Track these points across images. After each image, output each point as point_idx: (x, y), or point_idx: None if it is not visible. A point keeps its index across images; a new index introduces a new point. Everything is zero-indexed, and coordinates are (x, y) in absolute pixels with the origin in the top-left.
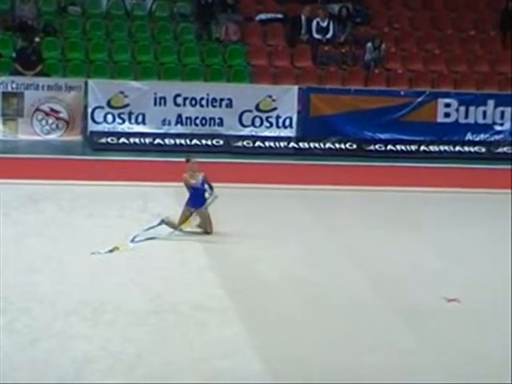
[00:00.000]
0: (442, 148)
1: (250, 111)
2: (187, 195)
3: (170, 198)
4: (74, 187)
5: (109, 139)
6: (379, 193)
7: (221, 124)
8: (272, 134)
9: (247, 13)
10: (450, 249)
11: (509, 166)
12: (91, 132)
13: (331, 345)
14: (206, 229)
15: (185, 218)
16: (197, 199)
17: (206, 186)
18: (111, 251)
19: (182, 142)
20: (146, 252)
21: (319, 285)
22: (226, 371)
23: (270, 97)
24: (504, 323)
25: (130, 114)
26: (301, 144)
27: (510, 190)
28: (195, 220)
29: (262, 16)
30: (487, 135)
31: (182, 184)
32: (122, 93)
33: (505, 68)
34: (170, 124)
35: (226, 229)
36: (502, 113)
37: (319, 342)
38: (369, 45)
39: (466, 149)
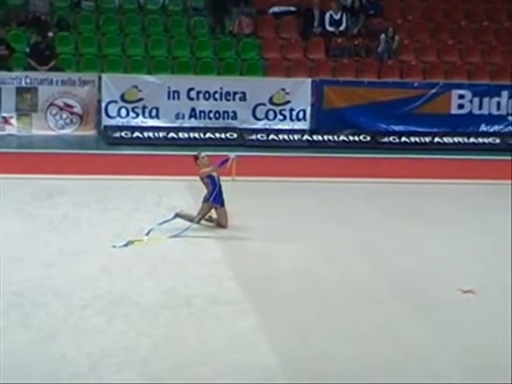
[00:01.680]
0: (455, 139)
1: (264, 104)
2: (204, 190)
3: (184, 191)
4: (88, 182)
5: (123, 133)
6: (393, 185)
7: (234, 117)
8: (286, 127)
9: (260, 6)
10: (463, 241)
11: None
12: (105, 126)
13: (344, 337)
14: (222, 223)
15: (204, 213)
16: (220, 195)
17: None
18: (126, 245)
19: (196, 135)
20: (160, 246)
21: (332, 278)
22: (241, 364)
23: (284, 90)
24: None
25: (143, 108)
26: (314, 137)
27: None
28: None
29: (275, 9)
30: (501, 126)
31: (195, 178)
32: (135, 87)
33: None
34: (183, 118)
35: (240, 222)
36: None
37: (333, 335)
38: (382, 36)
39: (480, 140)
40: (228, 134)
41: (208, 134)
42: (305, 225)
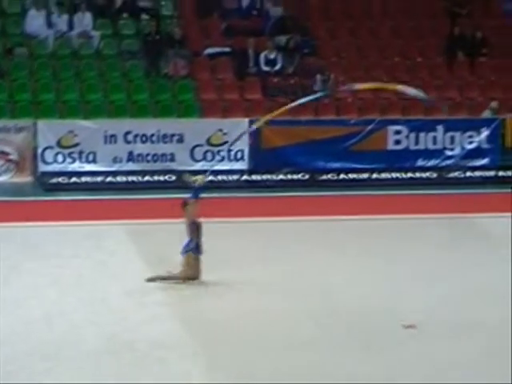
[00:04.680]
0: (393, 175)
1: (202, 145)
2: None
3: (124, 235)
4: (26, 229)
5: (60, 179)
6: (333, 222)
7: (172, 159)
8: (224, 168)
9: (195, 47)
10: (403, 275)
11: (460, 191)
12: (42, 173)
13: (288, 374)
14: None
15: (193, 266)
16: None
17: None
18: None
19: (134, 179)
20: (99, 290)
21: (279, 316)
22: None
23: (221, 130)
24: (459, 346)
25: (80, 153)
26: (253, 176)
27: (462, 215)
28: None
29: (210, 50)
30: (438, 160)
31: (134, 221)
32: (71, 132)
33: (452, 93)
34: (121, 161)
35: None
36: (452, 138)
37: (280, 374)
38: (318, 76)
39: (418, 175)
40: (166, 177)
41: (146, 177)
42: (246, 264)
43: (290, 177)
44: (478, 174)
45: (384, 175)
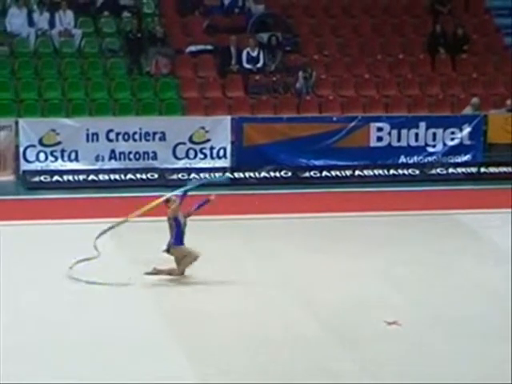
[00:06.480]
0: (376, 172)
1: (184, 143)
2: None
3: (107, 233)
4: (8, 227)
5: (42, 178)
6: (316, 219)
7: (155, 157)
8: (206, 166)
9: (177, 45)
10: (387, 272)
11: (443, 188)
12: (24, 171)
13: (270, 372)
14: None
15: (182, 260)
16: (181, 236)
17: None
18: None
19: (117, 177)
20: (84, 288)
21: (257, 316)
22: None
23: (203, 128)
24: (441, 345)
25: (62, 151)
26: (236, 174)
27: (444, 211)
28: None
29: (192, 48)
30: (420, 157)
31: (116, 219)
32: (53, 131)
33: (434, 90)
34: (103, 160)
35: (166, 264)
36: (434, 134)
37: (256, 367)
38: (300, 72)
39: (400, 172)
40: (149, 175)
41: (129, 176)
42: (228, 262)
43: (272, 174)
44: (460, 170)
45: (366, 172)
